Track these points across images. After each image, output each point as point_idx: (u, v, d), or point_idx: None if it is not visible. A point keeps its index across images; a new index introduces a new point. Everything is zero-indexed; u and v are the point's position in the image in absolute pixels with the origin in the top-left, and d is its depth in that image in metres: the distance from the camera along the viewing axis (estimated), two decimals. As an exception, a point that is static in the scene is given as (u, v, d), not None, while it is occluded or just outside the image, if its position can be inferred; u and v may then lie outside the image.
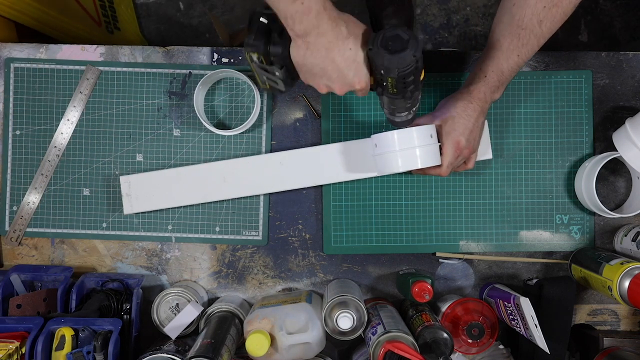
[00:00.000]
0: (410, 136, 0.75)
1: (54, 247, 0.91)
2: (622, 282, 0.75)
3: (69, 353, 0.75)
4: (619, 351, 0.83)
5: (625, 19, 1.63)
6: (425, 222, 0.89)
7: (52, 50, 0.91)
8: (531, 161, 0.89)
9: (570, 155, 0.89)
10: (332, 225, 0.89)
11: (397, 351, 0.70)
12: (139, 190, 0.87)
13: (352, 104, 0.90)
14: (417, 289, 0.77)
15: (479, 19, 1.64)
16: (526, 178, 0.89)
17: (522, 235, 0.90)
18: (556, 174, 0.89)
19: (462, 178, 0.89)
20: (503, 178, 0.89)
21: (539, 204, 0.89)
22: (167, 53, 0.91)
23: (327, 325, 0.76)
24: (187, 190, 0.87)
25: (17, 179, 0.90)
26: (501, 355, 0.84)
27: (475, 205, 0.89)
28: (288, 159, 0.86)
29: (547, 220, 0.89)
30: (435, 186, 0.89)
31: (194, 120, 0.90)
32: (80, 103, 0.90)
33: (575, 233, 0.89)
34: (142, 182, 0.87)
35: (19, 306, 0.81)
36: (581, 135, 0.89)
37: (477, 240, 0.89)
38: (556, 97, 0.89)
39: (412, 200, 0.89)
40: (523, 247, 0.89)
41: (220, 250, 0.91)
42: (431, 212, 0.89)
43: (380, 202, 0.89)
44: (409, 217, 0.89)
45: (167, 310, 0.84)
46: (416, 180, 0.89)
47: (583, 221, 0.89)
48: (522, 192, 0.89)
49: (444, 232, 0.89)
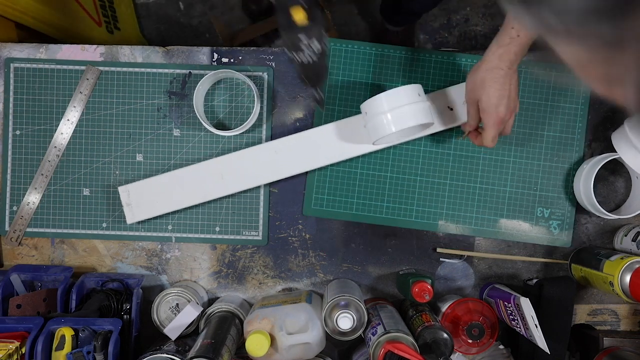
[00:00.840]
0: (397, 96, 0.75)
1: (54, 247, 0.91)
2: (623, 276, 0.75)
3: (69, 353, 0.75)
4: (619, 351, 0.83)
5: (625, 19, 1.63)
6: (407, 197, 0.89)
7: (52, 50, 0.91)
8: (520, 151, 0.89)
9: (560, 150, 0.89)
10: (314, 187, 0.89)
11: (397, 352, 0.70)
12: (139, 198, 0.87)
13: (345, 86, 0.90)
14: (417, 289, 0.77)
15: (479, 19, 1.64)
16: (513, 167, 0.89)
17: (501, 223, 0.89)
18: (543, 167, 0.89)
19: (449, 159, 0.89)
20: (490, 164, 0.89)
21: (522, 195, 0.89)
22: (167, 53, 0.91)
23: (327, 326, 0.76)
24: (186, 192, 0.87)
25: (17, 179, 0.90)
26: (501, 356, 0.84)
27: (459, 187, 0.89)
28: (283, 146, 0.86)
29: (528, 212, 0.89)
30: (421, 163, 0.89)
31: (194, 120, 0.90)
32: (80, 103, 0.90)
33: (555, 228, 0.89)
34: (141, 190, 0.87)
35: (19, 306, 0.81)
36: (573, 132, 0.89)
37: (456, 222, 0.89)
38: (554, 90, 0.89)
39: (396, 174, 0.89)
40: (500, 235, 0.89)
41: (220, 250, 0.91)
42: (414, 187, 0.89)
43: (366, 172, 0.89)
44: (391, 189, 0.89)
45: (167, 310, 0.84)
46: (403, 154, 0.89)
47: (564, 217, 0.89)
48: (506, 180, 0.89)
49: (424, 209, 0.89)
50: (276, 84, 0.90)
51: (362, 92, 0.90)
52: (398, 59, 0.90)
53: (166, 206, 0.87)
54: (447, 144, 0.89)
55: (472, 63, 0.89)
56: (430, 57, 0.89)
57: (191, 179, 0.86)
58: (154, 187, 0.87)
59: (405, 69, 0.90)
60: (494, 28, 1.63)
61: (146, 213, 0.87)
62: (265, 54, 0.90)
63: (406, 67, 0.90)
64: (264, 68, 0.90)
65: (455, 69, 0.90)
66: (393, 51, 0.90)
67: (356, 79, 0.90)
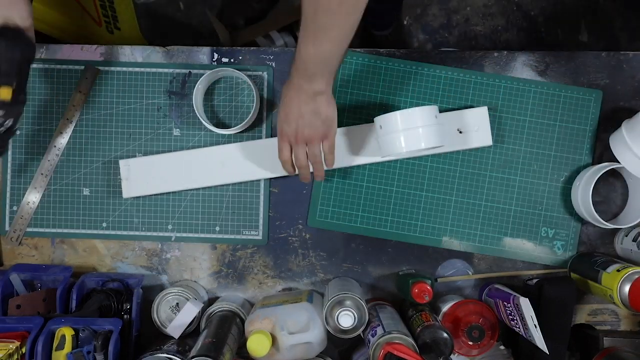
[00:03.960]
0: (413, 116, 0.76)
1: (54, 247, 0.91)
2: (622, 288, 0.75)
3: (69, 353, 0.75)
4: (619, 351, 0.83)
5: (625, 19, 1.63)
6: (412, 212, 0.89)
7: (52, 50, 0.91)
8: (527, 170, 0.89)
9: (566, 171, 0.89)
10: (320, 198, 0.90)
11: (396, 353, 0.70)
12: (138, 174, 0.87)
13: (352, 86, 0.90)
14: (417, 289, 0.77)
15: (479, 19, 1.64)
16: (519, 186, 0.89)
17: (505, 241, 0.89)
18: (549, 186, 0.89)
19: (455, 175, 0.89)
20: (496, 182, 0.89)
21: (527, 214, 0.89)
22: (167, 53, 0.91)
23: (328, 324, 0.76)
24: (186, 175, 0.87)
25: (17, 179, 0.90)
26: (502, 356, 0.84)
27: (464, 204, 0.89)
28: None
29: (532, 231, 0.89)
30: (427, 178, 0.89)
31: (194, 120, 0.90)
32: (80, 103, 0.90)
33: (558, 248, 0.89)
34: (142, 166, 0.87)
35: (19, 307, 0.81)
36: (581, 152, 0.89)
37: (460, 239, 0.89)
38: (563, 111, 0.89)
39: (402, 188, 0.89)
40: (505, 254, 0.89)
41: (221, 250, 0.91)
42: (420, 203, 0.89)
43: (372, 185, 0.89)
44: (396, 204, 0.89)
45: (167, 310, 0.84)
46: (410, 169, 0.89)
47: (568, 238, 0.89)
48: (512, 199, 0.89)
49: (429, 225, 0.89)
50: (276, 84, 0.90)
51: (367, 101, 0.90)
52: (391, 70, 0.90)
53: (163, 186, 0.88)
54: (454, 160, 0.89)
55: (465, 77, 0.90)
56: (427, 70, 0.89)
57: (192, 162, 0.87)
58: (155, 165, 0.88)
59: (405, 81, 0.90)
60: (494, 28, 1.63)
61: (143, 190, 0.88)
62: (265, 54, 0.90)
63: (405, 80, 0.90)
64: (264, 67, 0.90)
65: (453, 83, 0.90)
66: (386, 62, 0.89)
67: (360, 93, 0.90)
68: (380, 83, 0.89)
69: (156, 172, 0.87)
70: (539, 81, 0.89)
